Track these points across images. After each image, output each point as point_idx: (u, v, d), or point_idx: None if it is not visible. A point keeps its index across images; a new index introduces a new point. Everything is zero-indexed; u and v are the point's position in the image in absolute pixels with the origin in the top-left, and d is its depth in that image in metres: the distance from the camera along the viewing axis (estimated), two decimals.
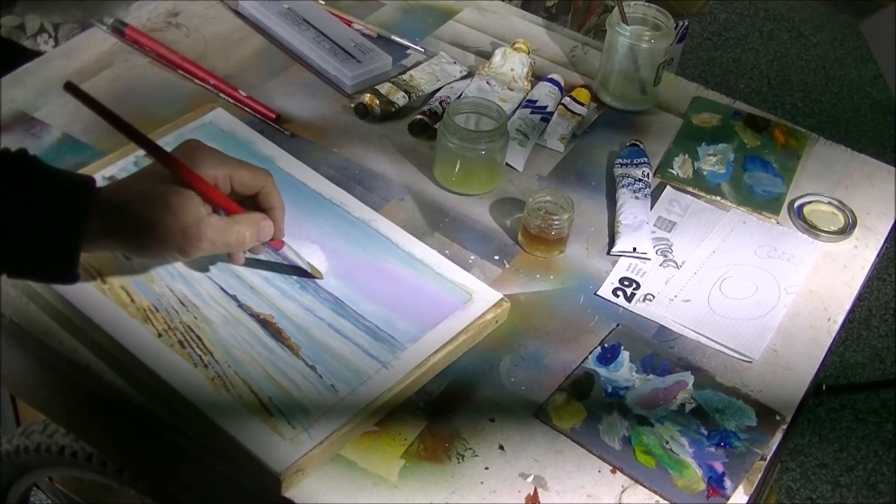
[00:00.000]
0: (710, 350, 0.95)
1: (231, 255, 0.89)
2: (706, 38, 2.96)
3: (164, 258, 0.89)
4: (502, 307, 0.93)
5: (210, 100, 1.12)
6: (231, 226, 0.85)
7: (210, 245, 0.84)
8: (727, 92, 1.27)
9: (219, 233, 0.84)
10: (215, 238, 0.83)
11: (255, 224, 0.86)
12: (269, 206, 0.88)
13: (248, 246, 0.87)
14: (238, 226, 0.85)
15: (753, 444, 0.87)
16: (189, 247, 0.83)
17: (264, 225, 0.87)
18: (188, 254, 0.83)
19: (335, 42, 1.20)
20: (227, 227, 0.84)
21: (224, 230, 0.84)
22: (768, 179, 1.13)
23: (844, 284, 1.03)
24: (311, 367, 0.86)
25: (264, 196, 0.88)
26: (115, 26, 1.20)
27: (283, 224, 0.90)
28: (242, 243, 0.86)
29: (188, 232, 0.82)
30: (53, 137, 1.07)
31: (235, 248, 0.87)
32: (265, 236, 0.88)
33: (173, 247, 0.82)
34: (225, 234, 0.84)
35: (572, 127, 1.16)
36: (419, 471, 0.83)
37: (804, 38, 3.02)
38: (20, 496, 1.28)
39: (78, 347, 0.88)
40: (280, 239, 0.90)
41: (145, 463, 0.97)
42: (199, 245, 0.83)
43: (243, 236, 0.85)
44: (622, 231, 1.03)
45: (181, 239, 0.82)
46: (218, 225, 0.84)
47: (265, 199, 0.88)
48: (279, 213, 0.89)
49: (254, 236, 0.86)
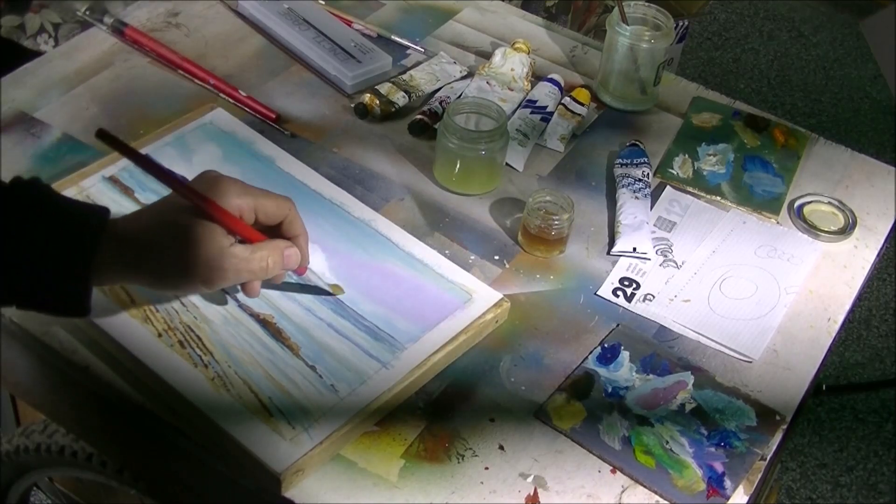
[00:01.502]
0: (710, 350, 0.95)
1: (245, 287, 0.86)
2: (706, 38, 2.96)
3: (185, 291, 0.87)
4: (502, 307, 0.93)
5: (210, 100, 1.12)
6: (255, 254, 0.83)
7: (235, 275, 0.82)
8: (727, 92, 1.27)
9: (243, 262, 0.82)
10: (240, 267, 0.82)
11: (279, 251, 0.84)
12: (294, 234, 0.86)
13: (271, 274, 0.85)
14: (262, 252, 0.83)
15: (753, 444, 0.87)
16: (214, 278, 0.81)
17: (290, 253, 0.85)
18: (211, 285, 0.82)
19: (335, 42, 1.20)
20: (251, 256, 0.82)
21: (248, 259, 0.82)
22: (768, 179, 1.13)
23: (844, 284, 1.03)
24: (311, 367, 0.86)
25: (288, 224, 0.86)
26: (115, 26, 1.20)
27: (308, 251, 0.88)
28: (266, 271, 0.84)
29: (212, 263, 0.80)
30: (53, 137, 1.07)
31: (259, 276, 0.84)
32: (291, 265, 0.86)
33: (197, 279, 0.81)
34: (249, 263, 0.82)
35: (572, 127, 1.16)
36: (419, 471, 0.83)
37: (804, 38, 3.02)
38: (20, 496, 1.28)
39: (78, 347, 0.88)
40: (305, 266, 0.89)
41: (145, 463, 0.97)
42: (224, 276, 0.81)
43: (266, 264, 0.83)
44: (622, 231, 1.03)
45: (205, 270, 0.80)
46: (242, 254, 0.82)
47: (289, 227, 0.86)
48: (303, 241, 0.87)
49: (278, 264, 0.84)
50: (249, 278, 0.84)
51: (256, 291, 0.86)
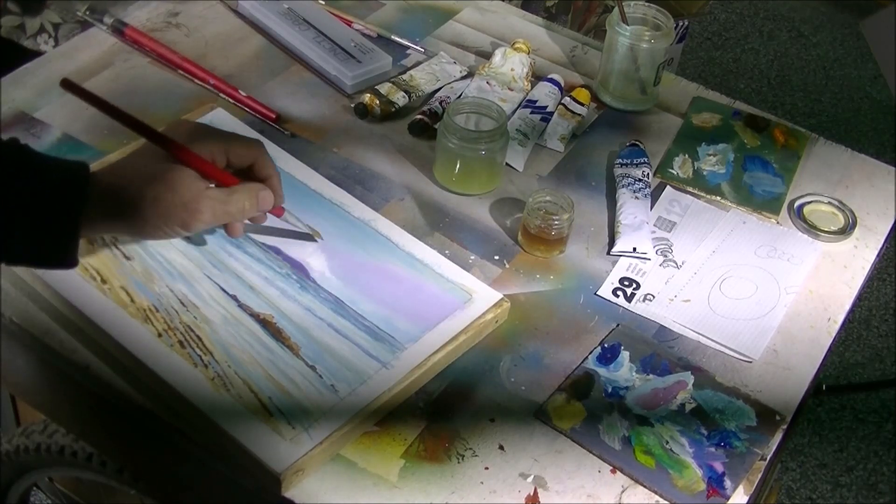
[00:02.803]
0: (710, 350, 0.95)
1: (229, 228, 0.90)
2: (706, 38, 2.96)
3: (166, 234, 0.89)
4: (502, 307, 0.93)
5: (210, 100, 1.12)
6: (230, 196, 0.86)
7: (212, 216, 0.85)
8: (727, 92, 1.27)
9: (220, 203, 0.85)
10: (216, 209, 0.85)
11: (254, 193, 0.88)
12: (266, 175, 0.90)
13: (248, 215, 0.89)
14: (237, 195, 0.87)
15: (753, 444, 0.87)
16: (191, 220, 0.84)
17: (264, 195, 0.89)
18: (190, 227, 0.85)
19: (335, 42, 1.20)
20: (227, 198, 0.86)
21: (224, 200, 0.86)
22: (768, 179, 1.13)
23: (844, 284, 1.03)
24: (311, 367, 0.86)
25: (259, 166, 0.89)
26: (115, 26, 1.20)
27: (281, 191, 0.91)
28: (243, 212, 0.88)
29: (189, 206, 0.83)
30: (53, 137, 1.07)
31: (236, 218, 0.88)
32: (266, 205, 0.89)
33: (175, 222, 0.84)
34: (226, 205, 0.86)
35: (572, 127, 1.16)
36: (419, 471, 0.83)
37: (804, 38, 3.02)
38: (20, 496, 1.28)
39: (78, 347, 0.88)
40: (280, 206, 0.92)
41: (145, 463, 0.97)
42: (202, 217, 0.84)
43: (243, 205, 0.87)
44: (622, 231, 1.03)
45: (183, 213, 0.83)
46: (218, 196, 0.85)
47: (260, 169, 0.89)
48: (276, 181, 0.90)
49: (253, 206, 0.88)
50: (227, 220, 0.88)
51: (239, 231, 0.91)
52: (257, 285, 0.92)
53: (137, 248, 0.93)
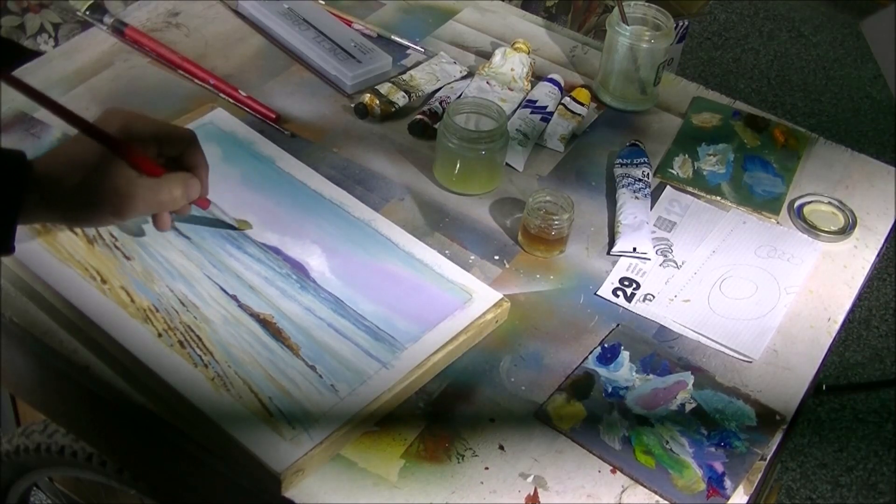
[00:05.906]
0: (710, 350, 0.95)
1: (157, 220, 0.89)
2: (706, 38, 2.96)
3: (98, 222, 0.90)
4: (502, 307, 0.93)
5: (210, 100, 1.12)
6: (161, 185, 0.86)
7: (143, 204, 0.85)
8: (727, 92, 1.27)
9: (150, 191, 0.85)
10: (147, 197, 0.85)
11: (183, 183, 0.88)
12: (193, 164, 0.89)
13: (178, 205, 0.88)
14: (168, 184, 0.86)
15: (753, 444, 0.87)
16: (123, 208, 0.84)
17: (192, 183, 0.88)
18: (122, 215, 0.85)
19: (335, 42, 1.20)
20: (158, 186, 0.86)
21: (155, 189, 0.85)
22: (768, 179, 1.13)
23: (844, 284, 1.03)
24: (311, 367, 0.86)
25: (189, 156, 0.89)
26: (115, 26, 1.20)
27: (207, 182, 0.91)
28: (174, 201, 0.87)
29: (121, 192, 0.83)
30: (53, 137, 1.07)
31: (167, 207, 0.88)
32: (193, 195, 0.89)
33: (107, 209, 0.84)
34: (157, 193, 0.85)
35: (572, 127, 1.16)
36: (419, 471, 0.83)
37: (804, 38, 3.02)
38: (20, 496, 1.28)
39: (78, 347, 0.88)
40: (205, 197, 0.92)
41: (145, 463, 0.97)
42: (133, 205, 0.84)
43: (174, 195, 0.87)
44: (622, 231, 1.03)
45: (115, 200, 0.83)
46: (148, 184, 0.85)
47: (189, 158, 0.89)
48: (203, 172, 0.90)
49: (183, 195, 0.88)
50: (158, 209, 0.87)
51: (167, 224, 0.90)
52: (257, 285, 0.92)
53: (137, 248, 0.93)
